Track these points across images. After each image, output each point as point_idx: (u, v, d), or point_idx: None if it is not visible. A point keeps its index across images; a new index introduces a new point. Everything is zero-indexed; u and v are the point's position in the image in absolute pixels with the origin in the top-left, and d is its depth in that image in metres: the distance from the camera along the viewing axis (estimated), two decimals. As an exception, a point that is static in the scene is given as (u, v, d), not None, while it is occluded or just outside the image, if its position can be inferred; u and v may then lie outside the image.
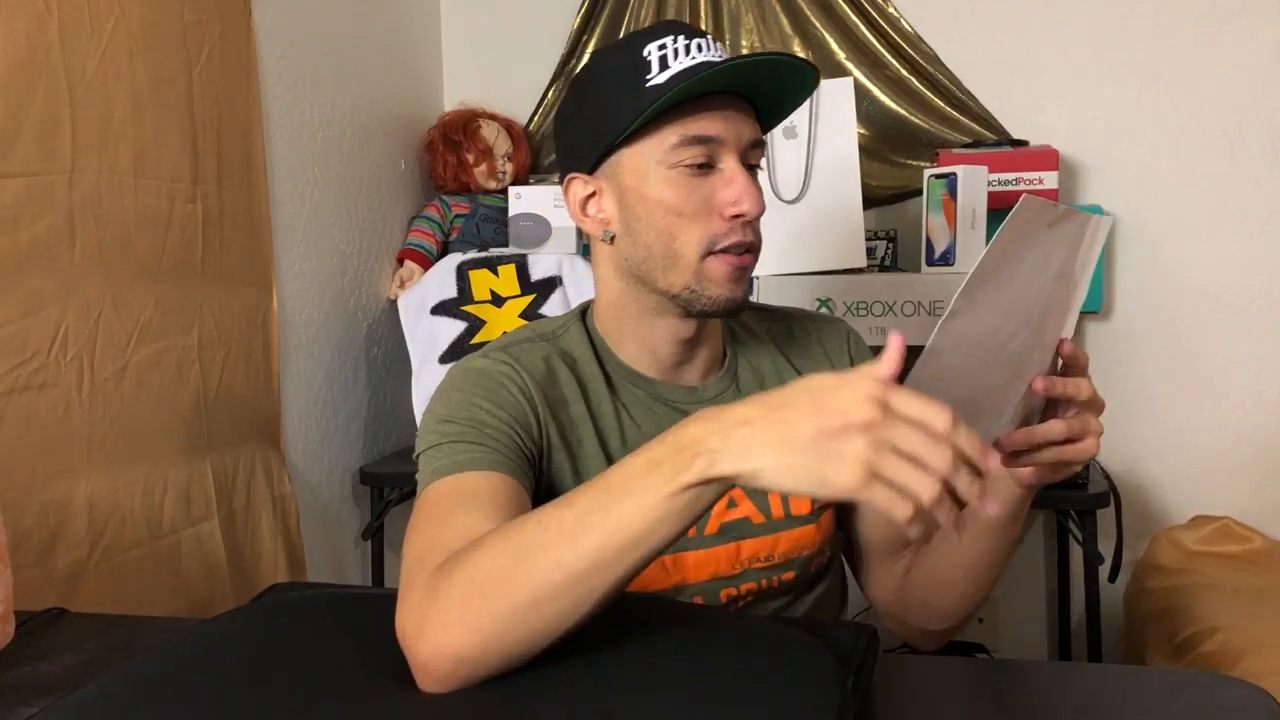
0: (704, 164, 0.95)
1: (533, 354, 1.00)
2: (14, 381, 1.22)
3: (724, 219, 0.95)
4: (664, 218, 0.96)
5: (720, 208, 0.95)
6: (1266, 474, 2.06)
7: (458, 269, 2.00)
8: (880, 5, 2.15)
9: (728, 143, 0.95)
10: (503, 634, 0.70)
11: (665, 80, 0.93)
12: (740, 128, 0.96)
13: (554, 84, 2.31)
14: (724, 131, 0.95)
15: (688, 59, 0.94)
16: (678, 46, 0.94)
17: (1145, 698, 0.80)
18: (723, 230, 0.95)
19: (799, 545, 1.04)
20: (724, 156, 0.95)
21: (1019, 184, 1.95)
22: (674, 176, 0.95)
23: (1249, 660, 1.44)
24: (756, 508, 1.03)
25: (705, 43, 0.95)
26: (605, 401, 1.01)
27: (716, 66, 0.92)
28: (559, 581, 0.70)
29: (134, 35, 1.40)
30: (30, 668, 0.89)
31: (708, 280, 0.96)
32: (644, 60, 0.95)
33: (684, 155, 0.95)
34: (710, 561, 1.01)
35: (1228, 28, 2.02)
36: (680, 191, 0.95)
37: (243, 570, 1.59)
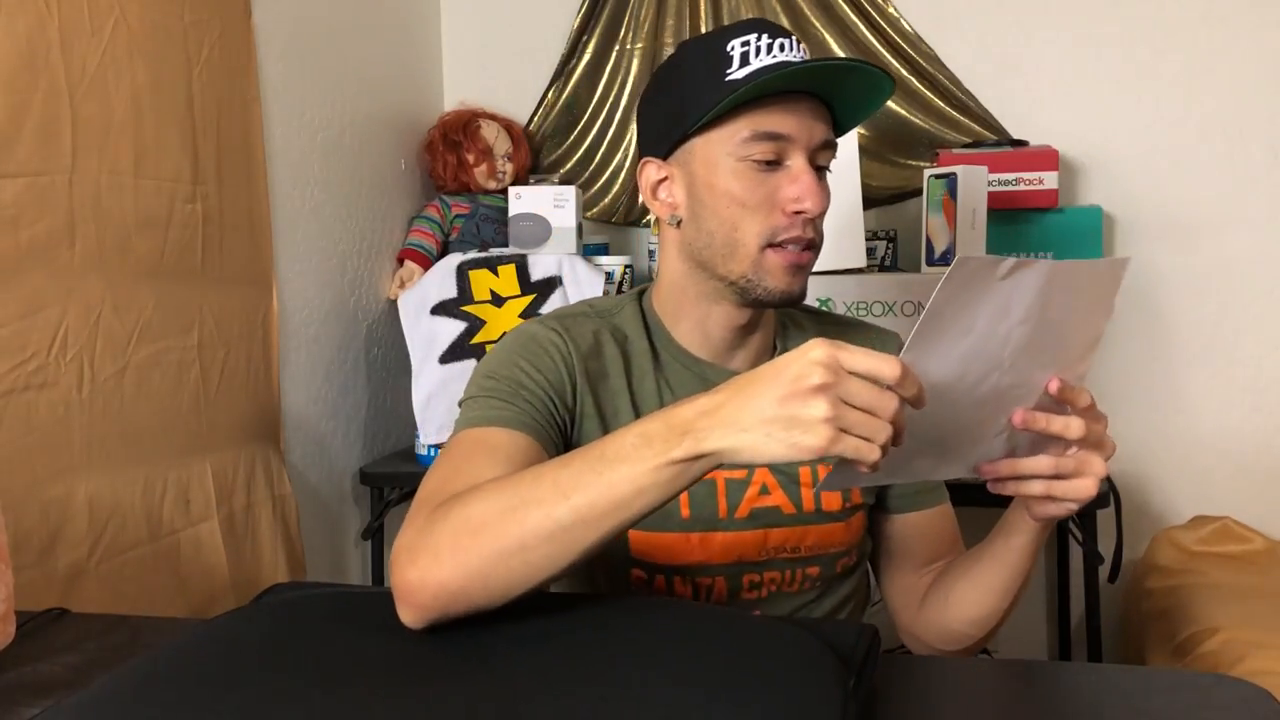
0: (772, 160, 0.98)
1: (583, 326, 1.06)
2: (14, 381, 1.22)
3: (785, 214, 0.98)
4: (729, 208, 1.00)
5: (783, 203, 0.98)
6: (1266, 474, 2.06)
7: (458, 269, 2.00)
8: (880, 5, 2.15)
9: (797, 141, 0.98)
10: (486, 573, 0.76)
11: (744, 75, 0.96)
12: (812, 128, 0.98)
13: (554, 84, 2.31)
14: (794, 130, 0.98)
15: (768, 57, 0.97)
16: (760, 44, 0.97)
17: (1145, 698, 0.80)
18: (783, 224, 0.99)
19: (826, 541, 1.06)
20: (792, 154, 0.99)
21: (1019, 184, 1.95)
22: (742, 169, 0.99)
23: (1249, 660, 1.44)
24: (789, 499, 1.05)
25: (789, 43, 0.98)
26: (648, 378, 1.05)
27: (793, 67, 0.95)
28: (546, 531, 0.75)
29: (134, 35, 1.40)
30: (30, 668, 0.89)
31: (765, 271, 1.00)
32: (727, 54, 0.98)
33: (754, 149, 0.98)
34: (737, 545, 1.04)
35: (1228, 28, 2.02)
36: (747, 184, 0.99)
37: (243, 570, 1.59)
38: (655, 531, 1.03)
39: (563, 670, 0.71)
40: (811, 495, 1.05)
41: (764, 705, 0.66)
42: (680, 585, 1.05)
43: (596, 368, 1.03)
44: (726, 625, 0.80)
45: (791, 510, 1.05)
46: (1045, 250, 1.99)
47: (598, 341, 1.05)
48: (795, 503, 1.05)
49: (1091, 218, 2.00)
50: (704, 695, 0.67)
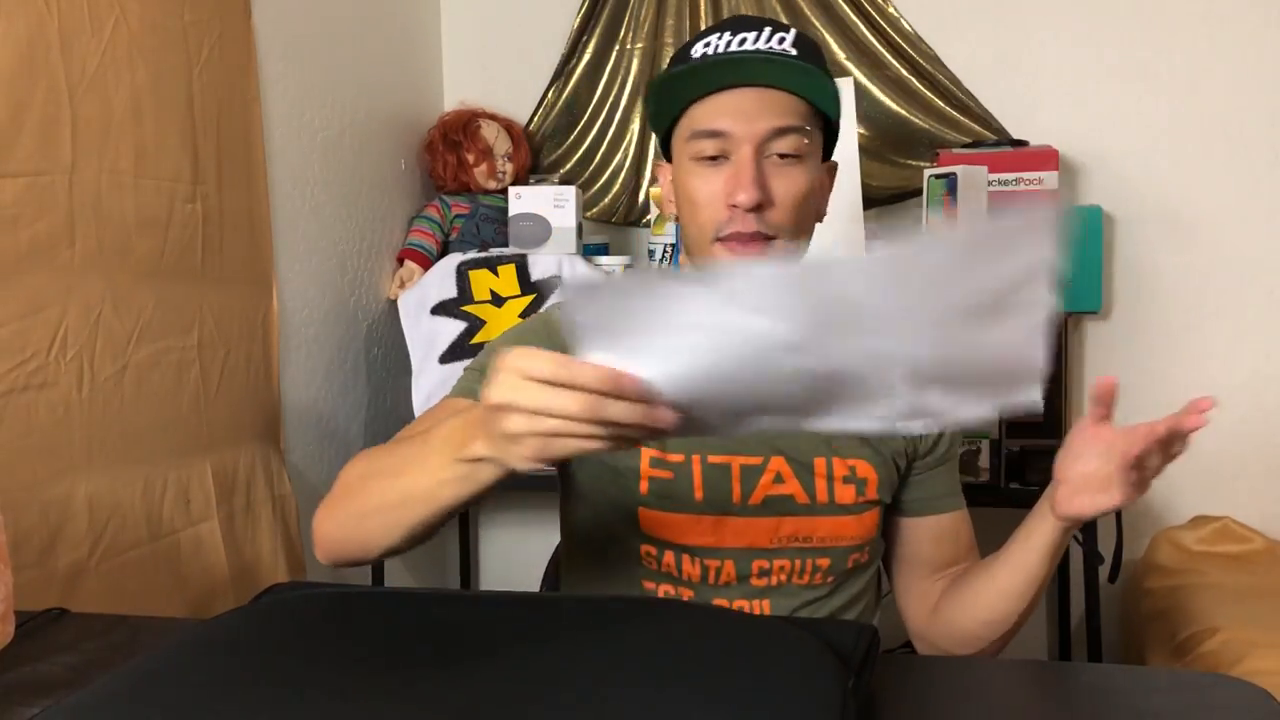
0: (717, 156, 0.99)
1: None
2: (14, 381, 1.22)
3: (726, 207, 0.99)
4: (687, 205, 1.03)
5: (725, 197, 0.99)
6: (1266, 474, 2.06)
7: (458, 269, 2.00)
8: (880, 5, 2.15)
9: (736, 135, 0.98)
10: (347, 534, 0.87)
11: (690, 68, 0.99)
12: (754, 120, 0.98)
13: (554, 84, 2.31)
14: (730, 125, 0.98)
15: (722, 53, 0.98)
16: (719, 42, 0.99)
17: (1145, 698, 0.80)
18: (723, 219, 0.99)
19: (838, 534, 1.07)
20: (737, 148, 0.99)
21: (1019, 184, 1.95)
22: (693, 167, 1.01)
23: (1249, 660, 1.44)
24: (802, 488, 1.06)
25: (755, 36, 0.99)
26: None
27: (692, 63, 0.98)
28: (384, 503, 0.83)
29: (134, 35, 1.40)
30: (30, 668, 0.89)
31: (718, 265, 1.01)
32: (689, 56, 1.01)
33: (696, 148, 1.00)
34: (749, 531, 1.05)
35: (1228, 28, 2.02)
36: (696, 181, 1.01)
37: (243, 570, 1.59)
38: (667, 511, 1.05)
39: (563, 671, 0.71)
40: (825, 486, 1.06)
41: (762, 706, 0.66)
42: (689, 564, 1.06)
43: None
44: (725, 625, 0.80)
45: (805, 500, 1.06)
46: (1045, 250, 1.99)
47: None
48: (809, 493, 1.06)
49: (1091, 218, 2.00)
50: (703, 696, 0.67)
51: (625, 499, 1.07)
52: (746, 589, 1.06)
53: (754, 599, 1.07)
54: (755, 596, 1.07)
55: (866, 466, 1.08)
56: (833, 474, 1.06)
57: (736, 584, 1.06)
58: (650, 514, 1.05)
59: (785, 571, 1.07)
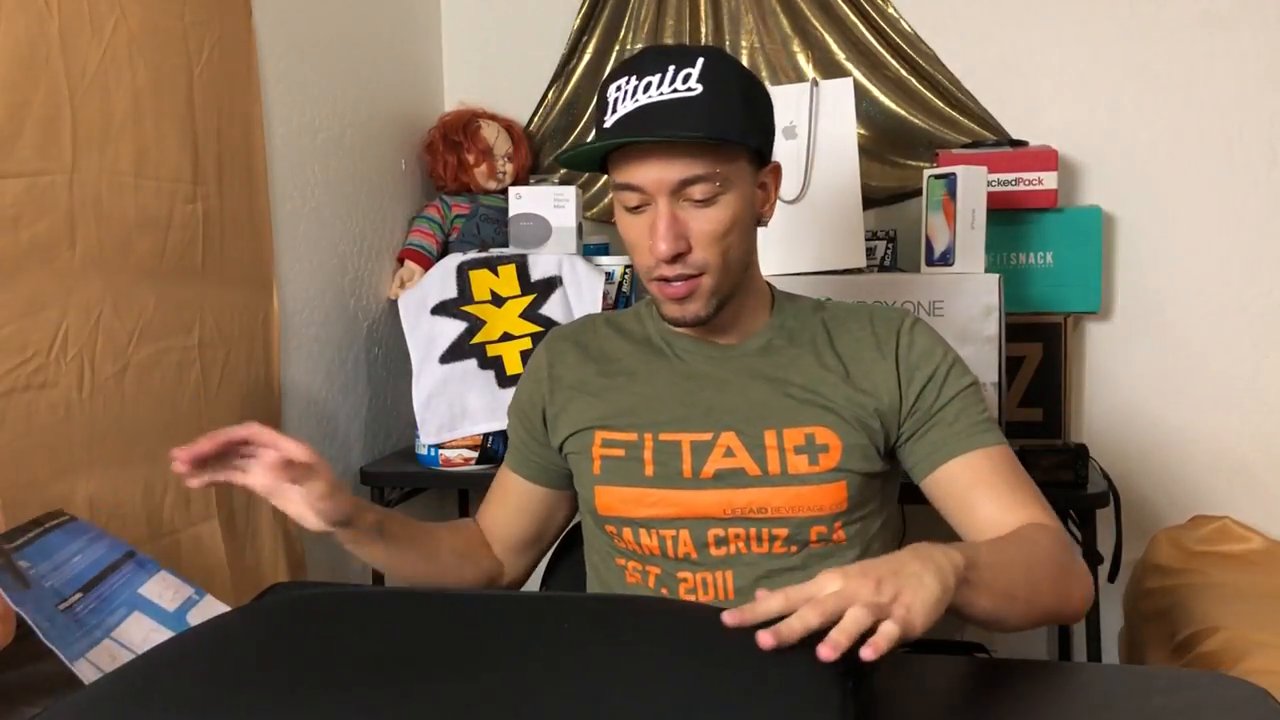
0: (638, 205, 1.06)
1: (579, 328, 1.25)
2: (14, 381, 1.22)
3: (650, 251, 1.06)
4: (625, 243, 1.11)
5: (649, 244, 1.06)
6: (1266, 474, 2.06)
7: (458, 269, 2.00)
8: (880, 5, 2.15)
9: (649, 189, 1.04)
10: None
11: (610, 125, 1.04)
12: (663, 174, 1.03)
13: (554, 84, 2.31)
14: (644, 180, 1.04)
15: (631, 102, 1.03)
16: (628, 88, 1.03)
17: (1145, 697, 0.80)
18: (651, 263, 1.07)
19: (795, 504, 1.08)
20: (653, 199, 1.05)
21: (1018, 184, 1.96)
22: (620, 212, 1.09)
23: (1249, 660, 1.44)
24: (753, 460, 1.09)
25: (659, 79, 1.02)
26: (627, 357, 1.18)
27: (586, 147, 1.04)
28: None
29: (134, 35, 1.40)
30: (31, 668, 0.89)
31: (659, 300, 1.11)
32: (605, 100, 1.06)
33: (621, 197, 1.07)
34: (701, 503, 1.09)
35: (1227, 28, 2.02)
36: (625, 224, 1.09)
37: (243, 570, 1.59)
38: (617, 485, 1.12)
39: (562, 669, 0.71)
40: (777, 458, 1.08)
41: (763, 704, 0.66)
42: (646, 537, 1.11)
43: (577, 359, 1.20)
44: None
45: (757, 472, 1.08)
46: (1045, 250, 2.00)
47: (586, 337, 1.22)
48: (760, 465, 1.09)
49: (1091, 218, 2.00)
50: (701, 694, 0.67)
51: (585, 481, 1.16)
52: (707, 559, 1.10)
53: (716, 569, 1.10)
54: (717, 567, 1.10)
55: (827, 432, 1.09)
56: (783, 445, 1.09)
57: (696, 556, 1.10)
58: (604, 490, 1.13)
59: (741, 539, 1.09)
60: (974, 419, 1.10)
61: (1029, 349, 1.97)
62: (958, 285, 1.74)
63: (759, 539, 1.09)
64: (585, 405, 1.17)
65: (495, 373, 1.96)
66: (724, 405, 1.12)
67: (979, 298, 1.73)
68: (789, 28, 2.20)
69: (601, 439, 1.14)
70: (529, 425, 1.22)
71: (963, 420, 1.10)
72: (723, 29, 2.23)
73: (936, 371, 1.11)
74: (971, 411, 1.11)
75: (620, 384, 1.16)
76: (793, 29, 2.20)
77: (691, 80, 1.02)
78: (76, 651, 0.80)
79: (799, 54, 2.20)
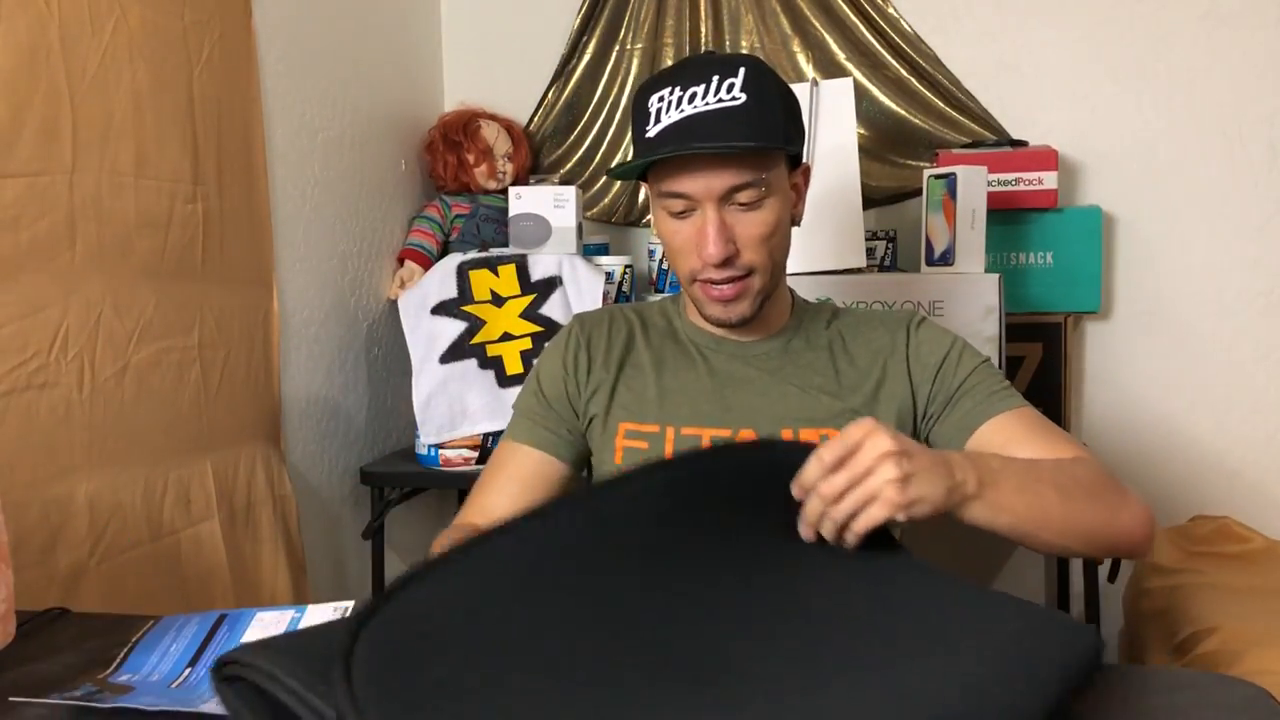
0: (683, 211, 1.09)
1: (607, 317, 1.24)
2: (14, 381, 1.22)
3: (699, 257, 1.09)
4: (666, 247, 1.13)
5: (696, 248, 1.09)
6: (1266, 474, 2.06)
7: (458, 269, 2.00)
8: (880, 6, 2.15)
9: (698, 197, 1.07)
10: None
11: (653, 135, 1.06)
12: (712, 182, 1.05)
13: (554, 84, 2.32)
14: (692, 189, 1.06)
15: (676, 113, 1.05)
16: (672, 99, 1.05)
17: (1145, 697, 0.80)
18: (698, 267, 1.10)
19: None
20: (700, 206, 1.07)
21: (1018, 184, 1.96)
22: (664, 216, 1.11)
23: (1249, 660, 1.44)
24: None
25: (703, 89, 1.04)
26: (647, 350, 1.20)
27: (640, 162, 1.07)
28: None
29: (134, 36, 1.40)
30: (31, 667, 0.89)
31: (701, 301, 1.13)
32: (647, 110, 1.07)
33: (666, 204, 1.10)
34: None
35: (1227, 28, 2.02)
36: (668, 229, 1.11)
37: (243, 570, 1.59)
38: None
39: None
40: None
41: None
42: None
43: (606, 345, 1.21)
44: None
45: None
46: (1045, 250, 2.00)
47: (615, 325, 1.23)
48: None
49: (1091, 218, 2.00)
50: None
51: (604, 470, 1.18)
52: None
53: None
54: None
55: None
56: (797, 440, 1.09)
57: None
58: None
59: None
60: (994, 387, 1.13)
61: (1029, 349, 1.98)
62: (958, 285, 1.74)
63: None
64: (611, 392, 1.19)
65: (495, 373, 1.96)
66: (745, 403, 1.15)
67: (979, 298, 1.73)
68: (789, 28, 2.20)
69: (625, 430, 1.16)
70: (555, 395, 1.21)
71: (983, 389, 1.13)
72: (723, 29, 2.23)
73: (949, 354, 1.15)
74: (991, 381, 1.14)
75: (645, 376, 1.19)
76: (793, 29, 2.20)
77: (735, 89, 1.04)
78: (202, 699, 0.80)
79: (799, 54, 2.20)
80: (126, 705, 0.78)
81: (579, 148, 2.32)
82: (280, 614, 0.93)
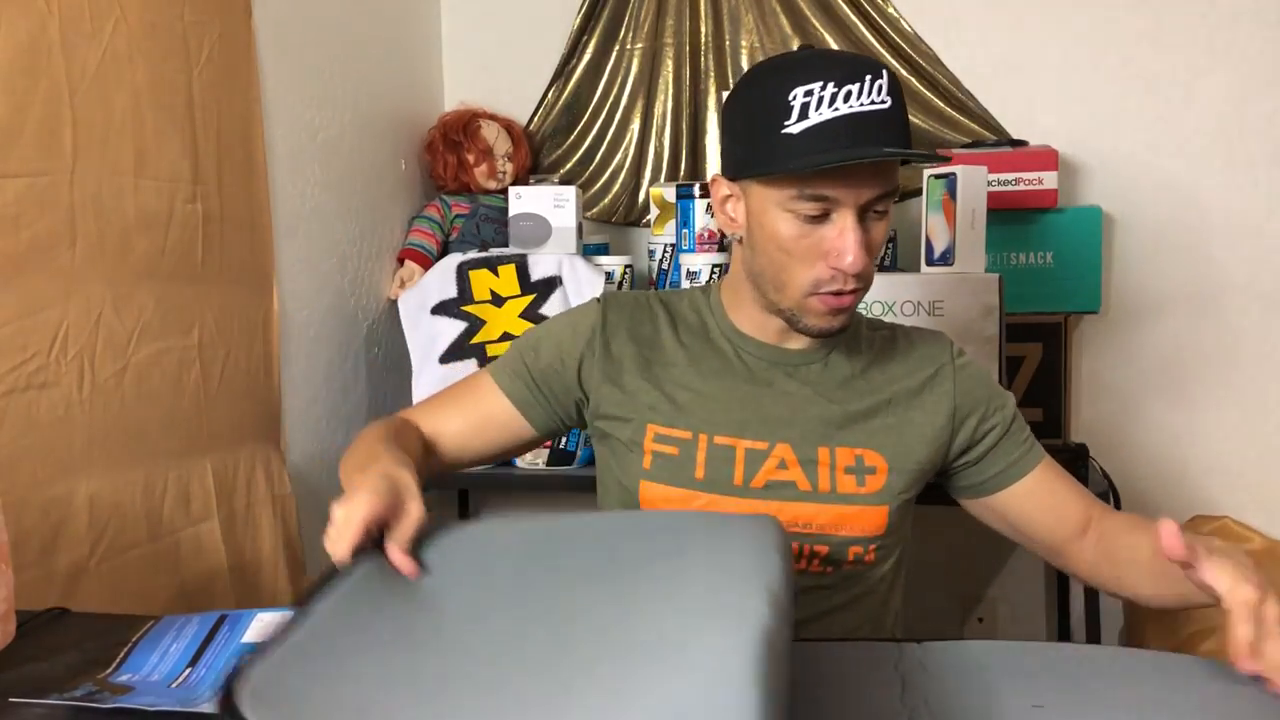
0: (818, 215, 1.01)
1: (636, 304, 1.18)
2: (14, 381, 1.22)
3: (829, 266, 1.02)
4: (776, 251, 1.05)
5: (828, 256, 1.02)
6: (1266, 474, 2.06)
7: (458, 269, 2.00)
8: (880, 5, 2.15)
9: (844, 201, 1.00)
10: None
11: (799, 132, 0.98)
12: (861, 189, 1.00)
13: (554, 84, 2.31)
14: (841, 193, 1.00)
15: (829, 110, 0.97)
16: (824, 95, 0.97)
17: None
18: (826, 277, 1.03)
19: (837, 522, 1.09)
20: (840, 210, 1.01)
21: (1019, 184, 1.95)
22: (790, 219, 1.02)
23: (1249, 660, 1.43)
24: (805, 475, 1.09)
25: (858, 89, 0.98)
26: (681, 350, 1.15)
27: (831, 162, 0.97)
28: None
29: (134, 35, 1.40)
30: (31, 667, 0.89)
31: (807, 312, 1.06)
32: (787, 104, 0.99)
33: (801, 206, 1.01)
34: (749, 512, 1.05)
35: (1227, 28, 2.02)
36: (793, 233, 1.03)
37: (243, 570, 1.59)
38: (665, 484, 1.10)
39: None
40: (827, 475, 1.09)
41: None
42: None
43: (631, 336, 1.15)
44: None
45: (807, 487, 1.09)
46: (1045, 250, 1.99)
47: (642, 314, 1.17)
48: (811, 480, 1.09)
49: (1091, 218, 2.00)
50: None
51: (630, 473, 1.13)
52: None
53: None
54: None
55: (876, 456, 1.10)
56: (835, 463, 1.09)
57: None
58: (650, 487, 1.10)
59: None
60: (1026, 434, 1.17)
61: (1029, 349, 1.97)
62: (958, 285, 1.74)
63: (799, 555, 1.09)
64: (636, 389, 1.13)
65: (495, 373, 1.96)
66: (783, 416, 1.11)
67: (979, 298, 1.73)
68: (789, 28, 2.20)
69: (654, 433, 1.11)
70: (555, 369, 1.16)
71: (1019, 436, 1.16)
72: (723, 29, 2.23)
73: (990, 406, 1.15)
74: (1023, 431, 1.17)
75: (675, 376, 1.13)
76: (793, 29, 2.20)
77: (883, 92, 0.99)
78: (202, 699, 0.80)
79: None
80: (126, 705, 0.78)
81: (579, 148, 2.32)
82: (281, 615, 0.93)
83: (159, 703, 0.79)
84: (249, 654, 0.67)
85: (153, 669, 0.87)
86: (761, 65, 1.06)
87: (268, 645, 0.68)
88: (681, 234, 2.03)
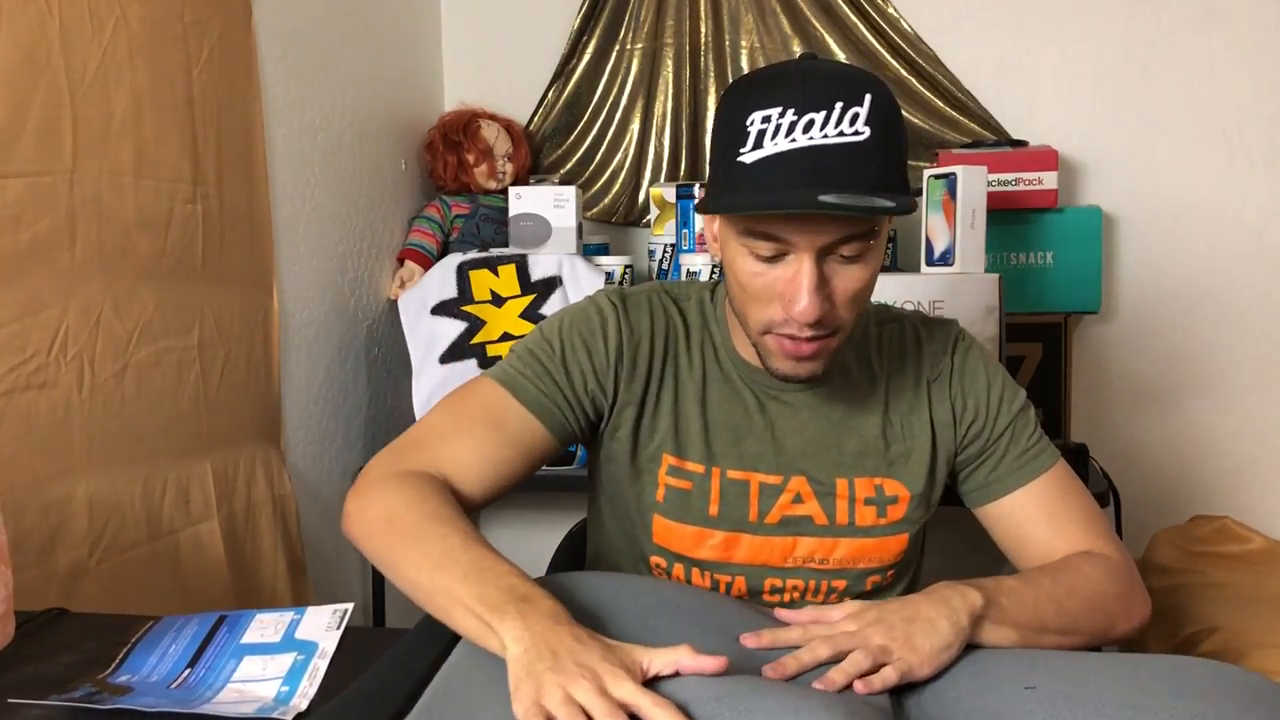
0: (772, 256, 0.92)
1: (649, 310, 1.07)
2: (14, 381, 1.22)
3: (781, 308, 0.93)
4: (735, 284, 0.97)
5: (781, 298, 0.93)
6: (1266, 474, 2.06)
7: (458, 269, 2.00)
8: (880, 6, 2.15)
9: (798, 244, 0.90)
10: (374, 559, 0.94)
11: (751, 162, 0.89)
12: (813, 232, 0.89)
13: (554, 84, 2.31)
14: (794, 235, 0.90)
15: (785, 141, 0.87)
16: (782, 122, 0.87)
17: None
18: (779, 319, 0.94)
19: (856, 556, 1.05)
20: (796, 253, 0.91)
21: (1018, 184, 1.95)
22: (745, 254, 0.94)
23: (1249, 660, 1.44)
24: (821, 509, 1.04)
25: (823, 118, 0.87)
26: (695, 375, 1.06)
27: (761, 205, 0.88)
28: (406, 576, 0.89)
29: (134, 35, 1.40)
30: (31, 668, 0.89)
31: (768, 352, 0.98)
32: (744, 129, 0.89)
33: (753, 244, 0.92)
34: (764, 549, 1.04)
35: (1227, 28, 2.02)
36: (748, 270, 0.94)
37: (243, 570, 1.59)
38: (679, 521, 1.05)
39: None
40: (846, 508, 1.04)
41: None
42: (698, 577, 1.06)
43: (649, 354, 1.05)
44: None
45: (824, 522, 1.04)
46: (1045, 250, 1.99)
47: (657, 319, 1.07)
48: (829, 514, 1.04)
49: (1091, 218, 2.00)
50: None
51: (642, 503, 1.06)
52: (759, 603, 1.05)
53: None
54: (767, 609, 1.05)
55: (895, 484, 1.05)
56: (854, 495, 1.04)
57: (748, 598, 1.06)
58: (663, 522, 1.05)
59: (799, 590, 1.06)
60: (1025, 446, 1.07)
61: (1029, 349, 1.97)
62: (958, 285, 1.74)
63: (816, 590, 1.05)
64: (651, 409, 1.05)
65: (495, 373, 1.96)
66: (796, 446, 1.05)
67: (979, 298, 1.73)
68: (789, 28, 2.20)
69: (669, 465, 1.04)
70: (580, 378, 1.04)
71: (1014, 450, 1.07)
72: (723, 29, 2.23)
73: (989, 401, 1.07)
74: (1022, 438, 1.07)
75: (688, 399, 1.05)
76: (793, 29, 2.20)
77: (860, 122, 0.87)
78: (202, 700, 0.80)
79: (799, 54, 2.19)
80: (126, 706, 0.78)
81: (579, 148, 2.32)
82: (280, 615, 0.93)
83: (158, 704, 0.78)
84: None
85: (152, 670, 0.87)
86: (738, 79, 0.98)
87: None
88: (681, 234, 2.03)
